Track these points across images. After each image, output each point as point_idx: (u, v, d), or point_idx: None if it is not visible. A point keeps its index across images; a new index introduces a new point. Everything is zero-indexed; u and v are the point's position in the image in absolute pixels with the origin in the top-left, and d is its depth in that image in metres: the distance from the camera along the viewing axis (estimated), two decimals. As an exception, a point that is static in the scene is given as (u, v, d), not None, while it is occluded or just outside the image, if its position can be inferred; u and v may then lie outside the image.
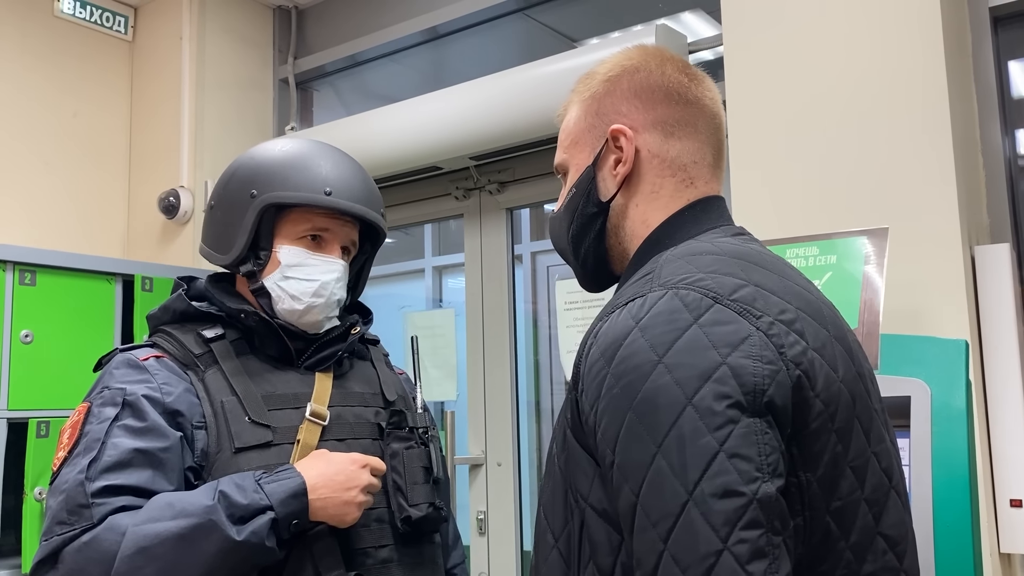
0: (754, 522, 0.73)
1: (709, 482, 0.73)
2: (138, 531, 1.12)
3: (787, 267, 0.94)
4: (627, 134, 0.98)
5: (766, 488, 0.74)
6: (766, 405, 0.77)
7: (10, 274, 2.34)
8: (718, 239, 0.94)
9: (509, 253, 2.84)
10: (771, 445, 0.76)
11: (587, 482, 0.84)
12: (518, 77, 2.50)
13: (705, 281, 0.83)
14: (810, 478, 0.80)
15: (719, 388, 0.76)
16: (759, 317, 0.81)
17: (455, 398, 2.89)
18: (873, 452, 0.86)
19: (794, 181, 1.95)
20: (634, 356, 0.80)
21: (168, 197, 3.08)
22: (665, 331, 0.80)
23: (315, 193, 1.33)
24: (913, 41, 1.84)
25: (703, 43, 2.38)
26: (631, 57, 1.02)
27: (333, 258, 1.35)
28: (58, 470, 1.21)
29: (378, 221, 1.39)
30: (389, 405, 1.41)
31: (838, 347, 0.87)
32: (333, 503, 1.21)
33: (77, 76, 3.16)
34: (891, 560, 0.86)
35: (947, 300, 1.74)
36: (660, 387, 0.77)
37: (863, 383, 0.89)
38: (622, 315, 0.84)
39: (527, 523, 2.76)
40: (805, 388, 0.80)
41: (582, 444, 0.85)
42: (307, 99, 3.47)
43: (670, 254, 0.91)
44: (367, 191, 1.39)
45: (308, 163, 1.35)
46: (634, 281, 0.91)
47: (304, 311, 1.33)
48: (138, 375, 1.25)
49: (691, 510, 0.73)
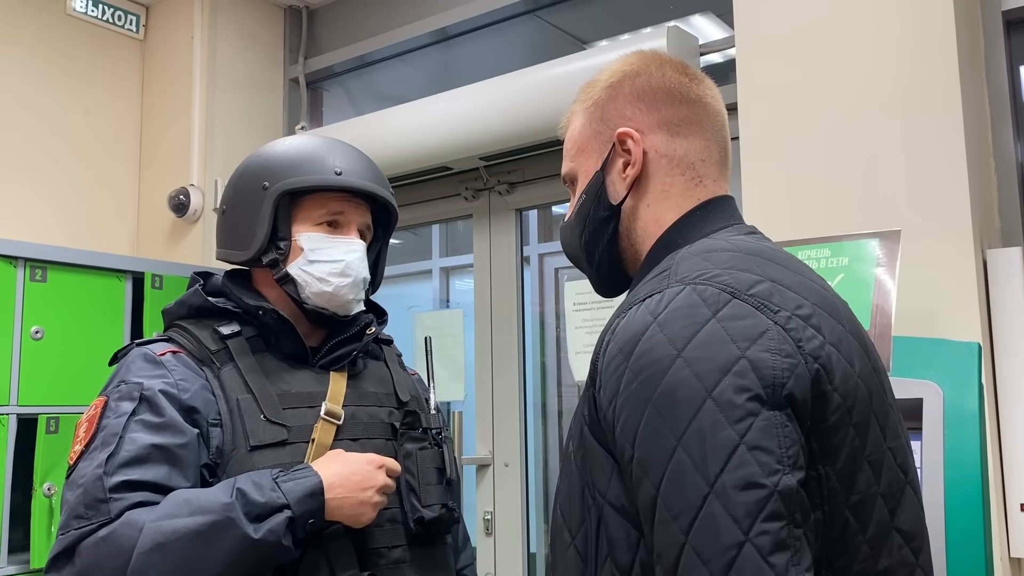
0: (776, 514, 0.73)
1: (730, 474, 0.74)
2: (155, 527, 1.12)
3: (801, 264, 0.95)
4: (634, 136, 0.99)
5: (787, 480, 0.74)
6: (786, 398, 0.77)
7: (21, 270, 2.35)
8: (732, 237, 0.95)
9: (518, 254, 2.84)
10: (791, 438, 0.76)
11: (605, 479, 0.84)
12: (528, 78, 2.50)
13: (722, 277, 0.84)
14: (829, 472, 0.80)
15: (739, 381, 0.77)
16: (776, 312, 0.82)
17: (463, 398, 2.89)
18: (889, 447, 0.87)
19: (805, 183, 1.96)
20: (653, 351, 0.80)
21: (178, 195, 3.09)
22: (684, 326, 0.80)
23: (327, 175, 1.34)
24: (926, 44, 1.84)
25: (714, 45, 2.39)
26: (630, 63, 1.04)
27: (352, 238, 1.37)
28: (75, 464, 1.21)
29: (389, 199, 1.41)
30: (403, 405, 1.41)
31: (854, 343, 0.88)
32: (349, 503, 1.21)
33: (89, 74, 3.18)
34: (907, 555, 0.86)
35: (959, 303, 1.74)
36: (679, 381, 0.78)
37: (878, 378, 0.90)
38: (640, 311, 0.85)
39: (534, 524, 2.76)
40: (823, 382, 0.81)
41: (600, 441, 0.86)
42: (317, 99, 3.47)
43: (686, 251, 0.92)
44: (375, 173, 1.41)
45: (317, 152, 1.38)
46: (650, 278, 0.91)
47: (333, 292, 1.34)
48: (155, 370, 1.26)
49: (712, 502, 0.73)
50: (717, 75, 2.37)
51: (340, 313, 1.37)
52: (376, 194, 1.38)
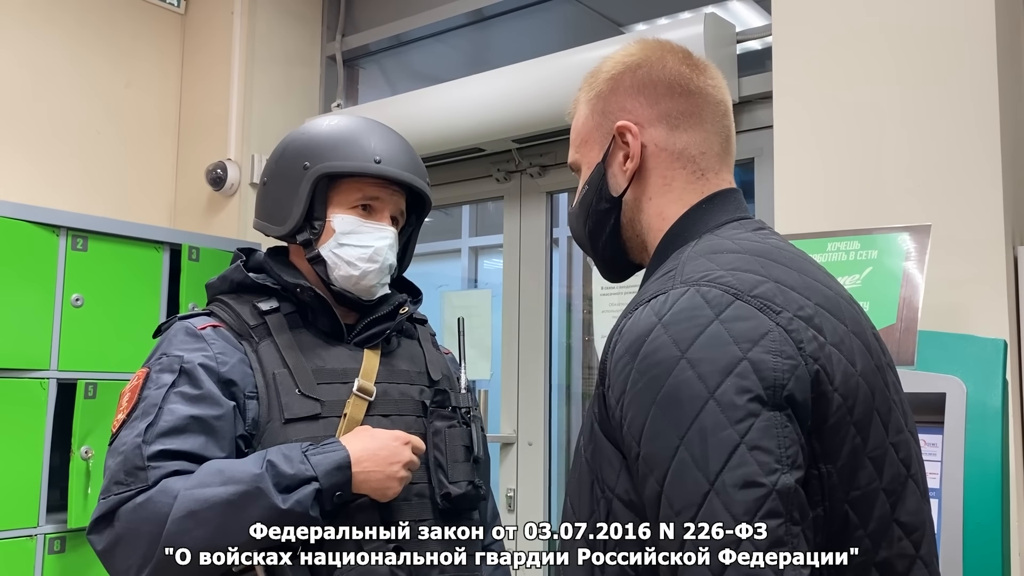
0: (773, 512, 0.75)
1: (730, 473, 0.76)
2: (189, 495, 1.17)
3: (807, 262, 0.95)
4: (633, 130, 1.00)
5: (785, 479, 0.77)
6: (786, 399, 0.79)
7: (63, 239, 2.41)
8: (739, 235, 0.95)
9: (548, 236, 2.86)
10: (790, 438, 0.78)
11: (614, 474, 0.87)
12: (563, 62, 2.51)
13: (726, 278, 0.86)
14: (830, 470, 0.82)
15: (740, 382, 0.78)
16: (779, 313, 0.83)
17: (489, 377, 2.93)
18: (891, 443, 0.89)
19: (838, 175, 1.95)
20: (657, 352, 0.82)
21: (215, 169, 3.14)
22: (687, 327, 0.82)
23: (366, 162, 1.37)
24: (965, 38, 1.83)
25: (751, 33, 2.38)
26: (632, 54, 1.04)
27: (384, 225, 1.40)
28: (117, 431, 1.26)
29: (425, 189, 1.44)
30: (434, 384, 1.44)
31: (856, 341, 0.89)
32: (376, 477, 1.25)
33: (131, 47, 3.22)
34: (906, 547, 0.88)
35: (987, 299, 1.74)
36: (683, 381, 0.80)
37: (882, 375, 0.91)
38: (645, 312, 0.87)
39: (555, 502, 2.80)
40: (823, 383, 0.82)
41: (609, 437, 0.88)
42: (353, 76, 3.50)
43: (691, 251, 0.93)
44: (413, 162, 1.44)
45: (358, 135, 1.40)
46: (656, 278, 0.93)
47: (360, 276, 1.38)
48: (195, 343, 1.30)
49: (713, 500, 0.76)
50: (753, 63, 2.38)
51: (364, 297, 1.41)
52: (413, 185, 1.41)
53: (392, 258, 1.41)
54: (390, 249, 1.40)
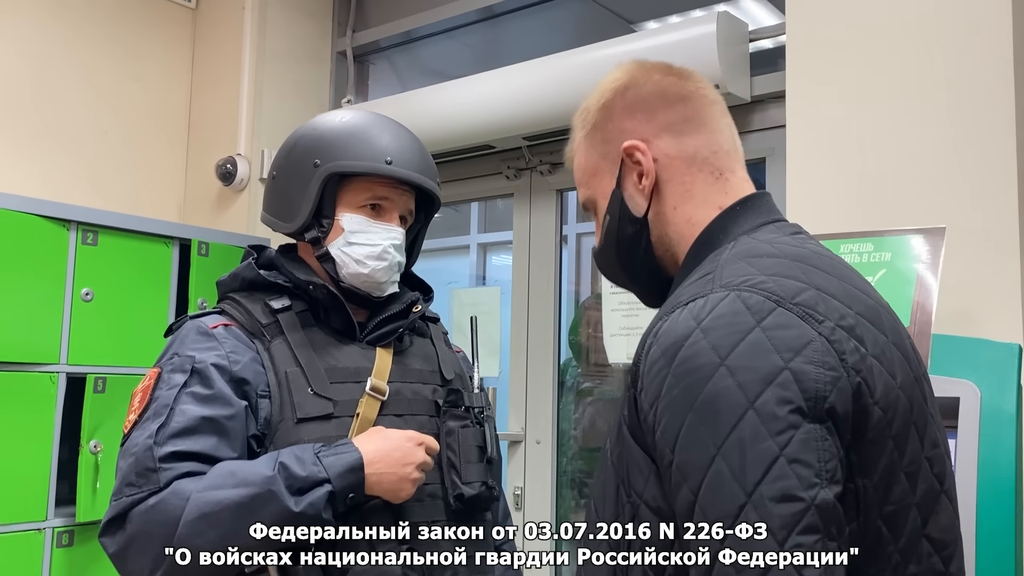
0: (811, 527, 0.74)
1: (768, 486, 0.74)
2: (201, 497, 1.17)
3: (846, 269, 0.94)
4: (641, 147, 0.99)
5: (824, 494, 0.75)
6: (827, 411, 0.78)
7: (73, 233, 2.41)
8: (777, 240, 0.94)
9: (557, 234, 2.86)
10: (830, 452, 0.77)
11: (642, 479, 0.86)
12: (574, 60, 2.50)
13: (767, 284, 0.84)
14: (867, 484, 0.81)
15: (781, 393, 0.77)
16: (821, 322, 0.82)
17: (497, 375, 2.92)
18: (926, 457, 0.87)
19: (851, 175, 1.94)
20: (695, 357, 0.80)
21: (225, 164, 3.14)
22: (727, 333, 0.80)
23: (376, 162, 1.37)
24: (980, 40, 1.81)
25: (764, 31, 2.37)
26: (617, 78, 1.04)
27: (392, 225, 1.40)
28: (129, 432, 1.26)
29: (434, 190, 1.44)
30: (447, 383, 1.44)
31: (896, 352, 0.88)
32: (389, 479, 1.25)
33: (141, 42, 3.22)
34: (936, 563, 0.86)
35: (1002, 303, 1.73)
36: (722, 390, 0.78)
37: (920, 387, 0.90)
38: (683, 315, 0.84)
39: (563, 501, 2.80)
40: (864, 395, 0.81)
41: (639, 442, 0.87)
42: (363, 73, 3.49)
43: (730, 254, 0.91)
44: (424, 161, 1.43)
45: (369, 134, 1.39)
46: (693, 280, 0.91)
47: (368, 275, 1.37)
48: (207, 343, 1.30)
49: (749, 513, 0.74)
50: (766, 62, 2.37)
51: (374, 293, 1.40)
52: (422, 186, 1.41)
53: (400, 256, 1.41)
54: (398, 248, 1.40)
